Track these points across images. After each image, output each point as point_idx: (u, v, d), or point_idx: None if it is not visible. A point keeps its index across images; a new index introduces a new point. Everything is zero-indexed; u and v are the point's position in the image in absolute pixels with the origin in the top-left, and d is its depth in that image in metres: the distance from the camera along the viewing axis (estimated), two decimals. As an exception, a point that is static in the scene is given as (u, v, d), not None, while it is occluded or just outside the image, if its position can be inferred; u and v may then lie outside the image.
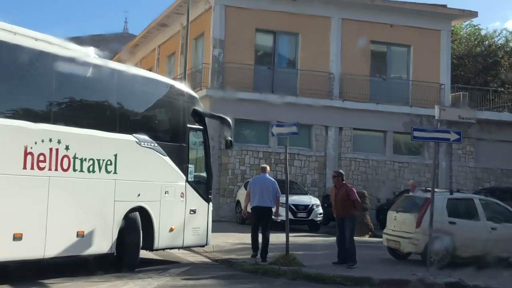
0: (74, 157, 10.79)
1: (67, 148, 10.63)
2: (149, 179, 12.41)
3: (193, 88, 27.04)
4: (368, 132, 28.71)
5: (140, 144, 12.19)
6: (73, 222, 10.83)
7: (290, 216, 17.51)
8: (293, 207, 21.72)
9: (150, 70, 35.68)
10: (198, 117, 13.95)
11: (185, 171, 13.27)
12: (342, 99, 27.96)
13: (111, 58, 42.10)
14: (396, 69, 30.26)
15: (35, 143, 10.12)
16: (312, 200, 23.37)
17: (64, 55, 11.00)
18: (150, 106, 13.28)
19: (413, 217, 14.96)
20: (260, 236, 14.20)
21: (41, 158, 10.21)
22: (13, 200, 9.78)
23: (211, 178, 14.51)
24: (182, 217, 13.23)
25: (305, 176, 27.28)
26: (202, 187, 13.94)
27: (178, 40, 30.90)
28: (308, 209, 22.77)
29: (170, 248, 13.69)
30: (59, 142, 10.50)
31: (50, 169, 10.36)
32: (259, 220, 14.28)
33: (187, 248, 14.52)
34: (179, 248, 13.84)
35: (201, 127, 14.00)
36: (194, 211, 13.49)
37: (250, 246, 14.54)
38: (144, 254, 13.07)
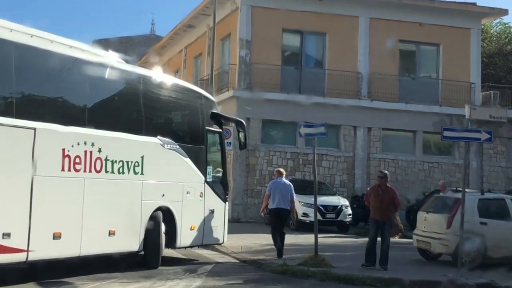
0: (106, 159, 11.33)
1: (99, 150, 11.16)
2: (172, 179, 13.01)
3: (220, 89, 27.17)
4: (397, 132, 28.47)
5: (164, 146, 12.77)
6: (105, 221, 11.36)
7: (319, 217, 17.43)
8: (322, 208, 21.59)
9: (177, 72, 36.04)
10: (215, 120, 14.64)
11: (203, 172, 13.89)
12: (370, 99, 27.76)
13: (138, 60, 42.51)
14: (425, 68, 29.96)
15: (72, 146, 10.66)
16: (341, 201, 23.25)
17: (97, 62, 11.53)
18: (172, 109, 13.90)
19: (443, 217, 14.80)
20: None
21: (77, 160, 10.76)
22: (53, 201, 10.23)
23: (227, 179, 15.12)
24: (202, 216, 13.85)
25: (333, 177, 27.13)
26: (219, 187, 14.57)
27: (205, 41, 30.95)
28: (337, 210, 22.66)
29: (191, 246, 14.19)
30: (92, 145, 11.04)
31: (85, 170, 10.90)
32: (279, 222, 14.77)
33: (206, 246, 15.06)
34: (198, 246, 14.39)
35: (218, 130, 14.74)
36: (212, 211, 14.11)
37: None
38: (169, 252, 13.47)
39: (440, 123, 26.39)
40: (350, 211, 23.02)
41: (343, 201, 23.27)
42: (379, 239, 13.38)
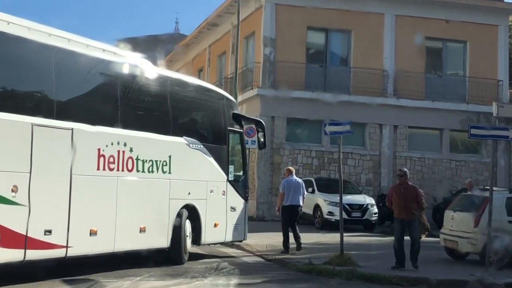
0: (137, 159, 11.75)
1: (131, 150, 11.57)
2: (197, 178, 13.40)
3: (244, 87, 27.17)
4: (423, 130, 28.25)
5: (189, 146, 13.16)
6: (136, 218, 11.78)
7: (344, 216, 17.34)
8: (347, 207, 21.47)
9: (201, 70, 36.13)
10: (237, 120, 15.05)
11: (226, 171, 14.27)
12: (396, 97, 27.57)
13: (163, 59, 42.66)
14: (452, 66, 29.69)
15: (106, 146, 11.08)
16: (366, 199, 23.11)
17: (129, 66, 12.01)
18: (196, 110, 14.37)
19: (471, 216, 14.62)
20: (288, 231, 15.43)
21: (111, 159, 11.17)
22: (89, 199, 10.66)
23: (247, 178, 15.54)
24: (224, 214, 14.23)
25: (359, 176, 26.99)
26: (240, 186, 14.91)
27: (229, 39, 30.96)
28: (363, 208, 22.54)
29: (214, 244, 14.65)
30: (125, 144, 11.44)
31: (118, 169, 11.32)
32: (292, 217, 15.47)
33: (231, 244, 15.61)
34: (221, 243, 14.90)
35: (239, 130, 15.15)
36: (234, 209, 14.49)
37: (302, 245, 15.23)
38: (193, 249, 13.61)
39: (467, 121, 26.02)
40: (376, 210, 22.88)
41: (369, 200, 23.14)
42: (407, 238, 13.22)
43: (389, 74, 27.78)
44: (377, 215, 22.91)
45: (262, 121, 16.18)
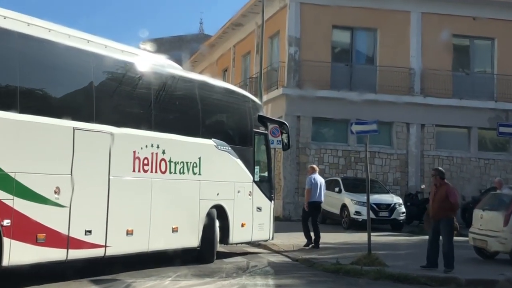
0: (170, 161, 12.13)
1: (164, 152, 11.94)
2: (225, 179, 13.72)
3: (269, 87, 27.12)
4: (451, 129, 27.98)
5: (217, 148, 13.54)
6: (169, 219, 12.14)
7: (372, 215, 17.23)
8: (375, 206, 21.33)
9: (226, 70, 36.17)
10: (262, 122, 15.38)
11: (252, 172, 14.60)
12: (423, 95, 27.33)
13: (188, 59, 42.73)
14: (480, 63, 29.35)
15: (141, 148, 11.45)
16: (394, 199, 22.94)
17: (161, 71, 12.45)
18: (224, 112, 14.74)
19: (500, 215, 14.44)
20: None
21: (145, 161, 11.56)
22: (126, 200, 11.03)
23: (272, 178, 15.86)
24: (251, 214, 14.54)
25: (386, 175, 26.82)
26: (266, 187, 15.20)
27: (253, 39, 30.95)
28: (390, 208, 22.37)
29: (241, 243, 15.00)
30: (158, 147, 11.81)
31: (152, 171, 11.70)
32: (315, 212, 16.32)
33: (258, 244, 15.94)
34: (248, 242, 15.28)
35: (264, 131, 15.46)
36: (260, 209, 14.78)
37: (328, 245, 15.54)
38: (221, 249, 13.75)
39: (496, 119, 25.70)
40: (403, 209, 22.71)
41: (397, 199, 22.96)
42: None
43: (416, 72, 27.55)
44: (404, 214, 22.74)
45: (286, 122, 16.61)
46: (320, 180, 16.37)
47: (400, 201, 23.03)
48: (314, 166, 17.24)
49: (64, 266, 10.22)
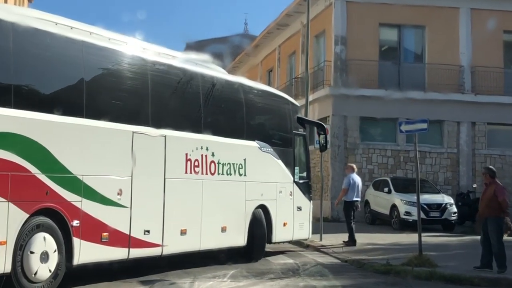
0: (218, 162, 12.61)
1: (213, 154, 12.44)
2: (268, 180, 14.21)
3: (315, 87, 26.93)
4: (504, 127, 27.27)
5: (261, 149, 14.00)
6: (218, 218, 12.60)
7: (422, 215, 16.93)
8: (425, 207, 20.97)
9: (271, 71, 36.10)
10: (301, 123, 15.83)
11: (292, 173, 15.04)
12: (474, 92, 26.75)
13: (233, 60, 42.78)
14: (532, 59, 28.55)
15: (192, 150, 11.93)
16: (445, 198, 22.53)
17: (209, 76, 12.87)
18: (266, 115, 15.16)
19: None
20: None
21: (196, 163, 12.03)
22: (179, 200, 11.46)
23: (310, 179, 16.12)
24: (291, 214, 14.98)
25: (436, 174, 26.34)
26: (305, 187, 15.58)
27: (299, 38, 30.78)
28: (441, 208, 21.98)
29: (283, 242, 15.34)
30: (207, 149, 12.29)
31: (202, 173, 12.17)
32: (354, 211, 16.53)
33: (296, 241, 16.21)
34: (289, 241, 15.72)
35: (303, 133, 15.83)
36: (300, 208, 15.21)
37: (378, 246, 15.76)
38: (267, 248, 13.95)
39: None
40: (455, 209, 22.28)
41: (448, 199, 22.53)
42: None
43: (466, 69, 27.00)
44: (456, 214, 22.29)
45: (323, 124, 17.23)
46: (358, 179, 16.71)
47: (451, 201, 22.61)
48: (353, 165, 17.50)
49: (108, 267, 10.29)
